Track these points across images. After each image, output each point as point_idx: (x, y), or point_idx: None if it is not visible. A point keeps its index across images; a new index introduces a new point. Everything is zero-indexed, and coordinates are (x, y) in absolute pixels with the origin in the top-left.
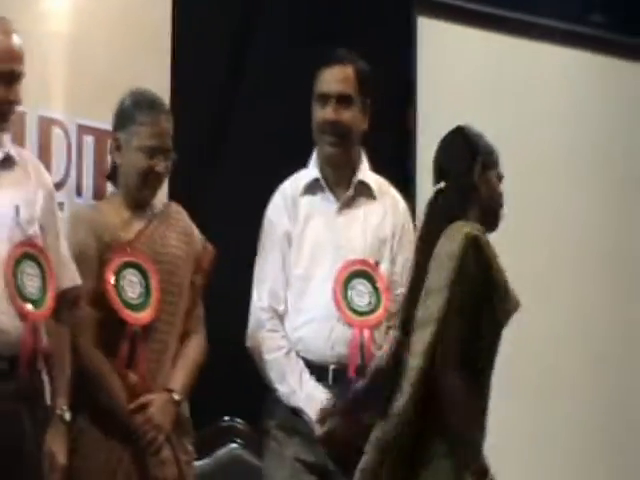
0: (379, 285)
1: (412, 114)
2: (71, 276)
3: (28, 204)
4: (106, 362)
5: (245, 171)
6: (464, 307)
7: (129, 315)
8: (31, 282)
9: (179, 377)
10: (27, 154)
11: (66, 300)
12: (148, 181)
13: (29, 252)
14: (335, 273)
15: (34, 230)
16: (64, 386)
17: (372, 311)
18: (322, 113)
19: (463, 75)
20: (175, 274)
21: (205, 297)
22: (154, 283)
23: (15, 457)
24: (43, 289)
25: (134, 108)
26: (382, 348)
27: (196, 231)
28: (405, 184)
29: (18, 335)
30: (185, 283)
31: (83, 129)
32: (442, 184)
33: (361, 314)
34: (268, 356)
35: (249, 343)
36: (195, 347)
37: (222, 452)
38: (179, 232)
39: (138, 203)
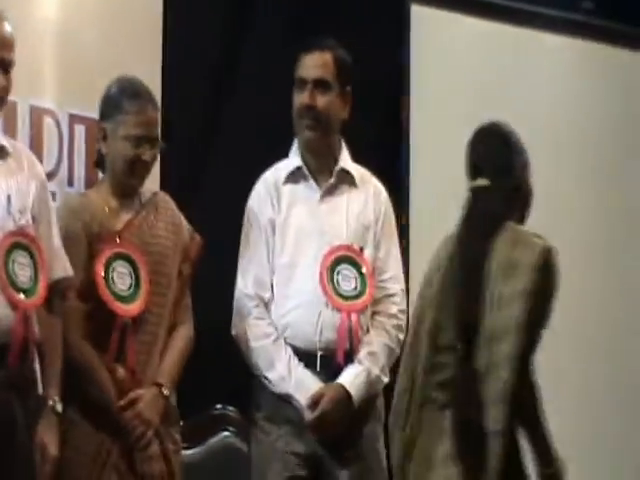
0: (364, 270)
1: (405, 100)
2: (63, 266)
3: (20, 194)
4: (95, 355)
5: (234, 162)
6: (535, 320)
7: (119, 307)
8: (22, 271)
9: (166, 370)
10: (20, 146)
11: (57, 290)
12: (135, 170)
13: (20, 242)
14: (320, 259)
15: (26, 220)
16: (56, 377)
17: (358, 296)
18: (299, 98)
19: (455, 62)
20: (164, 264)
21: (196, 286)
22: (144, 274)
23: (6, 447)
24: (34, 278)
25: (120, 96)
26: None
27: (184, 221)
28: (398, 170)
29: (9, 324)
30: (173, 273)
31: (74, 118)
32: (483, 181)
33: (348, 299)
34: (255, 344)
35: (234, 331)
36: (182, 338)
37: (214, 440)
38: (167, 222)
39: (126, 191)
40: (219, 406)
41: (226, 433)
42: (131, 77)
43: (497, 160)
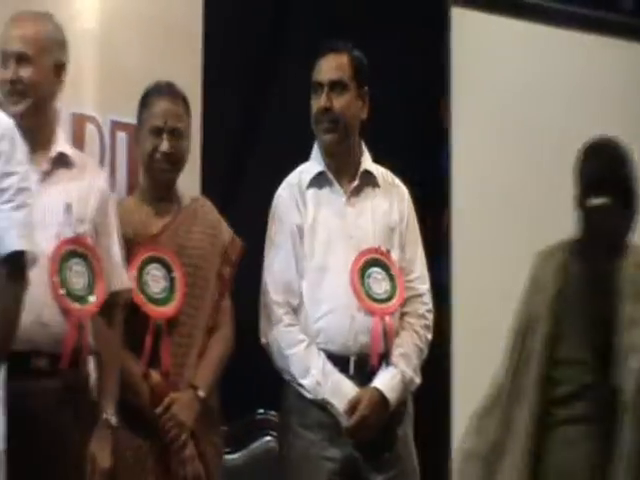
0: (393, 272)
1: (445, 101)
2: (122, 279)
3: (80, 203)
4: (131, 359)
5: (274, 168)
6: None
7: (152, 309)
8: (77, 279)
9: (204, 373)
10: (86, 157)
11: (116, 302)
12: (155, 162)
13: (77, 250)
14: (350, 263)
15: (84, 229)
16: (111, 389)
17: (390, 298)
18: (316, 102)
19: (495, 63)
20: (201, 267)
21: (238, 290)
22: (179, 277)
23: (56, 455)
24: (90, 287)
25: (144, 97)
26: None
27: (224, 224)
28: (439, 170)
29: (62, 331)
30: (211, 276)
31: (116, 125)
32: (603, 200)
33: (380, 301)
34: (288, 351)
35: (264, 339)
36: (221, 341)
37: (257, 445)
38: (206, 225)
39: (160, 194)
40: (261, 411)
41: (268, 438)
42: (166, 81)
43: (617, 177)
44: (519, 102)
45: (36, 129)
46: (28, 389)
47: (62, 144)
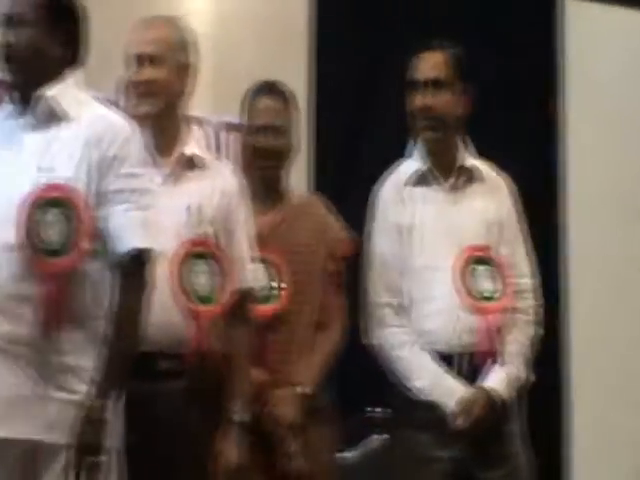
0: (498, 269)
1: (554, 101)
2: (249, 276)
3: (202, 204)
4: (236, 356)
5: (386, 166)
6: None
7: (257, 307)
8: (201, 280)
9: (309, 370)
10: (214, 157)
11: (244, 300)
12: (256, 159)
13: (200, 250)
14: (455, 261)
15: (206, 230)
16: (241, 388)
17: (497, 296)
18: (414, 100)
19: (612, 58)
20: (306, 263)
21: (351, 287)
22: (283, 275)
23: (184, 455)
24: (214, 287)
25: (245, 96)
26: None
27: (333, 221)
28: (547, 170)
29: (185, 332)
30: (315, 273)
31: (229, 126)
32: None
33: (485, 299)
34: (395, 352)
35: (371, 340)
36: (328, 338)
37: (370, 442)
38: (314, 221)
39: (264, 190)
40: (370, 409)
41: (381, 435)
42: (267, 79)
43: None
44: (636, 96)
45: (165, 130)
46: (155, 390)
47: (190, 146)
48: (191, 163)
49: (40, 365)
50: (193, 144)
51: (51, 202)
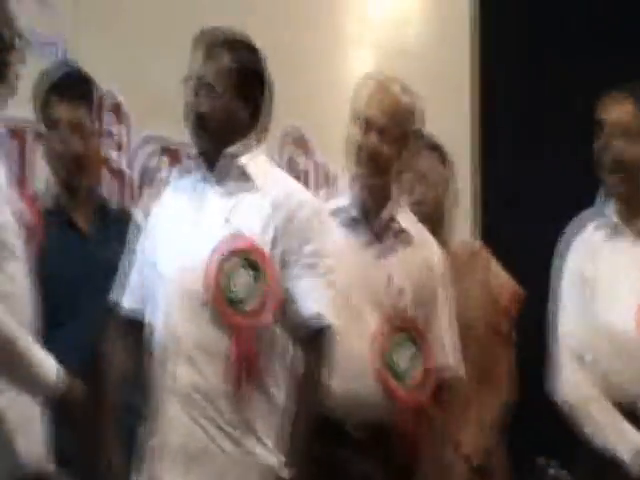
0: None
1: None
2: (449, 363)
3: (400, 277)
4: None
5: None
6: None
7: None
8: (402, 356)
9: (473, 435)
10: (418, 227)
11: (445, 389)
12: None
13: (401, 326)
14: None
15: (408, 304)
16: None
17: None
18: (605, 149)
19: None
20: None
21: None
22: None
23: None
24: (414, 366)
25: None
26: None
27: (500, 272)
28: None
29: (379, 404)
30: (482, 329)
31: None
32: None
33: None
34: (584, 411)
35: (555, 396)
36: (496, 397)
37: None
38: (479, 273)
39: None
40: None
41: None
42: None
43: None
44: None
45: (378, 189)
46: (347, 457)
47: (401, 216)
48: (398, 232)
49: (221, 418)
50: (404, 215)
51: (240, 254)
